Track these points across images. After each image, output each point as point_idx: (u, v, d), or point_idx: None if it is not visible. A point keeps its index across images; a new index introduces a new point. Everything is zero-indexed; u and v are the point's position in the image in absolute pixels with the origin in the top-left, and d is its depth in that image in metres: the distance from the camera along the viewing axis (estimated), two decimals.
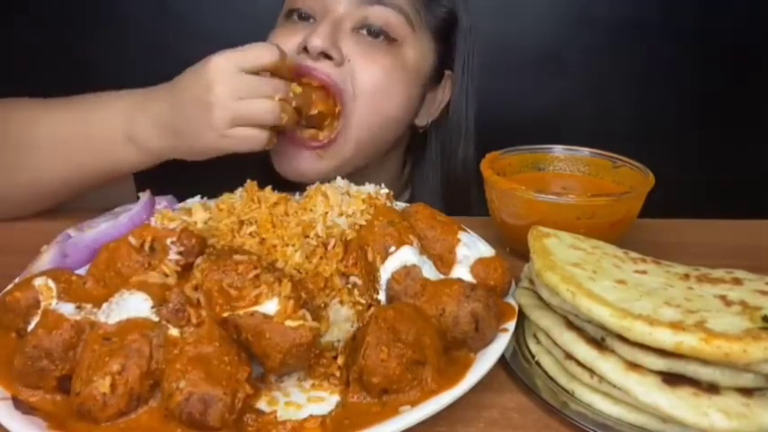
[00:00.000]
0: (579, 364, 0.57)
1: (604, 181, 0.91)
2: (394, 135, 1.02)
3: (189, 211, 0.74)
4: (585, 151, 0.93)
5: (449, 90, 1.09)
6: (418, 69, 1.00)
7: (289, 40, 0.93)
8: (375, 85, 0.93)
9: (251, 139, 0.82)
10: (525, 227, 0.73)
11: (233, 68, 0.79)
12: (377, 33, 0.93)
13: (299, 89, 0.86)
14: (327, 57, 0.90)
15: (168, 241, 0.61)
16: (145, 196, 0.77)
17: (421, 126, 1.08)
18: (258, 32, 1.06)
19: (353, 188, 0.78)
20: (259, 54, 0.80)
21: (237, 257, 0.56)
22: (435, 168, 1.12)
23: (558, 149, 0.93)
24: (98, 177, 0.90)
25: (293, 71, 0.88)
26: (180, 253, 0.61)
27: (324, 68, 0.90)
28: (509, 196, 0.81)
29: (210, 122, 0.80)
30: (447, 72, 1.07)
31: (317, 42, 0.88)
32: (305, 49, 0.90)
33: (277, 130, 0.86)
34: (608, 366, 0.54)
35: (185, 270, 0.60)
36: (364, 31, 0.93)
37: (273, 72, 0.83)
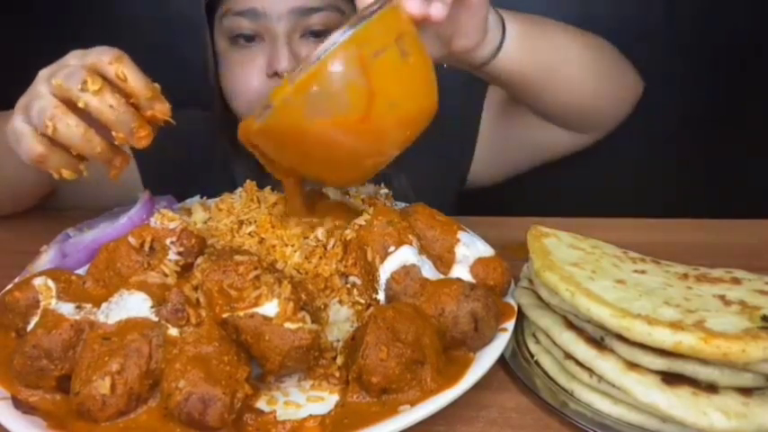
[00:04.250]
0: (578, 363, 0.57)
1: None
2: None
3: (189, 211, 0.74)
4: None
5: None
6: None
7: (252, 65, 0.96)
8: None
9: (21, 137, 0.65)
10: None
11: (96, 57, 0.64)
12: (320, 33, 0.97)
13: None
14: None
15: (168, 241, 0.61)
16: (144, 196, 0.77)
17: None
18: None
19: (353, 188, 0.78)
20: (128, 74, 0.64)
21: (238, 258, 0.56)
22: None
23: None
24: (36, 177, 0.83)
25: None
26: (179, 253, 0.61)
27: None
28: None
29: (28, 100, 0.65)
30: None
31: (284, 66, 0.92)
32: (275, 74, 0.93)
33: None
34: (607, 366, 0.54)
35: (185, 270, 0.60)
36: (311, 37, 0.97)
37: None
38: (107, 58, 0.63)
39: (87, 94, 0.60)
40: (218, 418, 0.47)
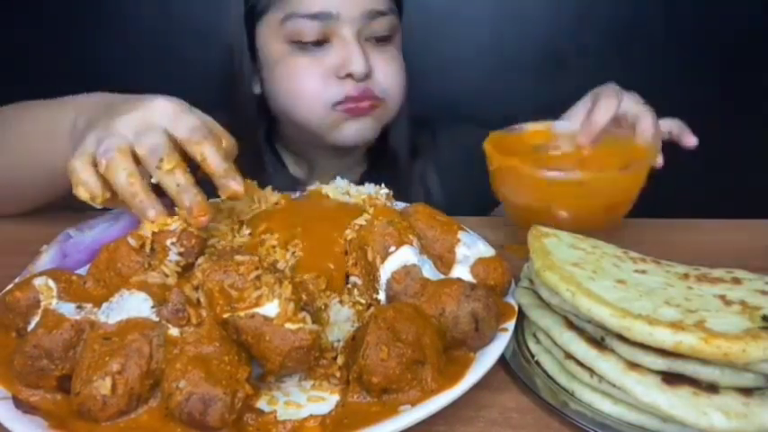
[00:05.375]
0: (579, 363, 0.57)
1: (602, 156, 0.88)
2: None
3: None
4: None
5: None
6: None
7: (320, 69, 1.00)
8: (399, 78, 1.07)
9: (85, 181, 0.63)
10: (526, 207, 0.78)
11: (165, 118, 0.65)
12: (382, 39, 1.03)
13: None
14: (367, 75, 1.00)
15: (168, 242, 0.61)
16: None
17: None
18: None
19: (353, 188, 0.78)
20: (197, 137, 0.63)
21: (239, 258, 0.56)
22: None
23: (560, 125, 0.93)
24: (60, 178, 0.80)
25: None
26: (180, 254, 0.61)
27: (366, 90, 1.01)
28: (508, 173, 0.81)
29: (113, 123, 0.65)
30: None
31: (361, 68, 0.98)
32: (348, 75, 0.98)
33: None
34: (608, 366, 0.54)
35: (185, 271, 0.60)
36: (373, 39, 1.02)
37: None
38: (196, 138, 0.63)
39: (160, 172, 0.61)
40: (218, 419, 0.47)
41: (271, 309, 0.53)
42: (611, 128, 0.85)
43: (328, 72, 0.99)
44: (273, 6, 1.01)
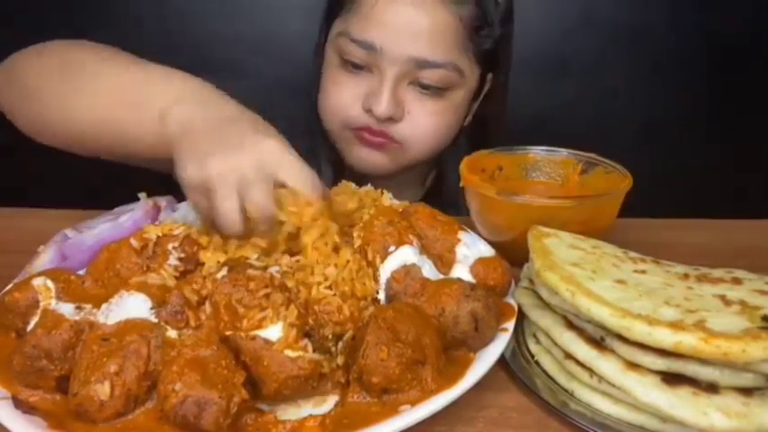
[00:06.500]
0: (579, 363, 0.57)
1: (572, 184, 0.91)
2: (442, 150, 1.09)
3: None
4: (563, 152, 0.93)
5: (487, 86, 1.11)
6: (467, 101, 1.06)
7: (352, 91, 0.99)
8: (430, 131, 1.01)
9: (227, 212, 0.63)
10: (497, 228, 0.80)
11: (274, 163, 0.63)
12: (429, 87, 0.98)
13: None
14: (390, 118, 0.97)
15: (170, 246, 0.61)
16: (143, 198, 0.77)
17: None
18: (258, 32, 1.06)
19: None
20: (303, 184, 0.63)
21: (251, 272, 0.56)
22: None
23: (538, 150, 0.94)
24: (123, 146, 0.78)
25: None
26: (180, 259, 0.61)
27: (385, 130, 0.99)
28: (475, 195, 0.83)
29: (208, 161, 0.63)
30: (489, 75, 1.09)
31: (383, 110, 0.95)
32: (369, 110, 0.96)
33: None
34: (607, 366, 0.54)
35: (183, 277, 0.60)
36: (418, 86, 0.98)
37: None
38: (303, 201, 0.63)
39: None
40: (213, 422, 0.47)
41: (273, 332, 0.52)
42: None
43: (357, 97, 0.98)
44: (338, 15, 1.01)
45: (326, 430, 0.50)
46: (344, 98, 0.99)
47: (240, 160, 0.61)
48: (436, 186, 1.19)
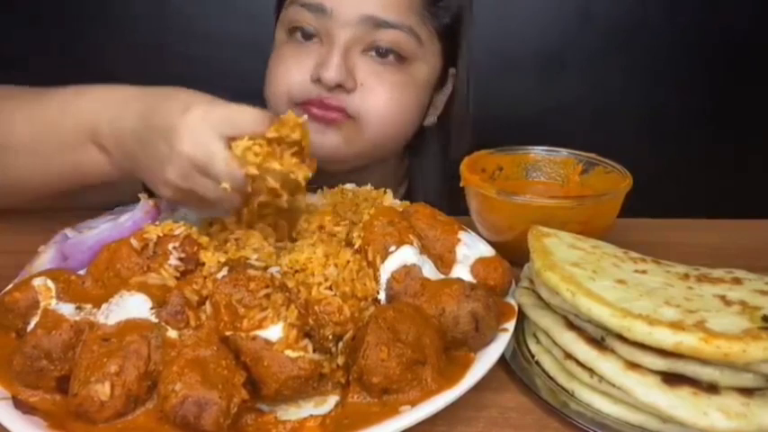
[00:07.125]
0: (579, 363, 0.57)
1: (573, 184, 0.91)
2: (404, 140, 1.05)
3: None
4: (563, 152, 0.92)
5: (450, 85, 1.10)
6: (428, 80, 1.02)
7: (299, 63, 0.93)
8: (388, 106, 0.94)
9: (216, 198, 0.65)
10: (497, 228, 0.80)
11: (208, 132, 0.63)
12: (386, 53, 0.93)
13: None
14: (340, 86, 0.91)
15: (170, 246, 0.61)
16: (144, 198, 0.77)
17: (428, 126, 1.10)
18: (258, 32, 1.06)
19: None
20: (246, 124, 0.64)
21: (251, 273, 0.56)
22: (436, 162, 1.14)
23: (538, 150, 0.93)
24: (68, 177, 0.80)
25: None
26: (180, 259, 0.61)
27: (336, 102, 0.91)
28: (475, 195, 0.83)
29: (163, 175, 0.66)
30: (451, 70, 1.08)
31: (332, 75, 0.88)
32: (318, 80, 0.90)
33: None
34: (608, 366, 0.54)
35: (183, 277, 0.60)
36: (373, 53, 0.93)
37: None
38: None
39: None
40: (213, 423, 0.46)
41: (273, 332, 0.52)
42: None
43: (306, 69, 0.92)
44: None
45: (327, 430, 0.50)
46: (292, 72, 0.93)
47: (182, 153, 0.62)
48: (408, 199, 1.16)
